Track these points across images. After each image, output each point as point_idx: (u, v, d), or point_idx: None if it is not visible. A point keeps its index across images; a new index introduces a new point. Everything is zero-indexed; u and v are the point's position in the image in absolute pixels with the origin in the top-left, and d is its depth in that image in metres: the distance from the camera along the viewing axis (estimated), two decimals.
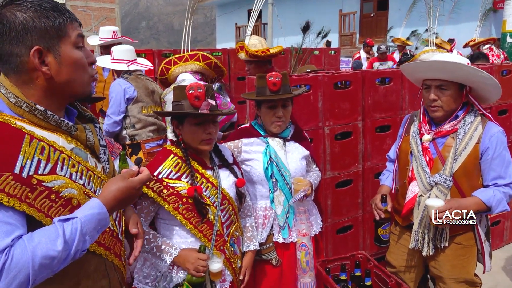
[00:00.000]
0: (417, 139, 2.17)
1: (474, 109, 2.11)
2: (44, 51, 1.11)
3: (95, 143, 1.28)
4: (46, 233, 1.04)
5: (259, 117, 2.30)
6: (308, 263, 2.22)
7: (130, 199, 1.26)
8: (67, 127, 1.19)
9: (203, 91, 1.78)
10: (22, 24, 1.09)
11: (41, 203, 1.08)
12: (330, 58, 7.54)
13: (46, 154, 1.11)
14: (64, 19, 1.14)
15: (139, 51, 5.61)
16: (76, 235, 1.06)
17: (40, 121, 1.14)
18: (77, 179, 1.19)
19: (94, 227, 1.11)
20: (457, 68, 1.95)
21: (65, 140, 1.19)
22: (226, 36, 21.48)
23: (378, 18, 15.44)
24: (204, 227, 1.84)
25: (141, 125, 3.51)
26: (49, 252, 1.01)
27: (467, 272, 2.17)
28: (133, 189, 1.24)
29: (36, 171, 1.08)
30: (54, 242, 1.03)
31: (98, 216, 1.12)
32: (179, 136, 1.89)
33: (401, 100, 3.20)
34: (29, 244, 1.00)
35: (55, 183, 1.12)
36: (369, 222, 3.20)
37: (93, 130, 1.30)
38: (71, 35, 1.16)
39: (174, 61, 3.28)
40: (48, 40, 1.12)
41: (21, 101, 1.12)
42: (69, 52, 1.15)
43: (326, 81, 2.83)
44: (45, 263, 1.01)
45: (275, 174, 2.20)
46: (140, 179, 1.26)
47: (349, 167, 3.06)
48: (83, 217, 1.09)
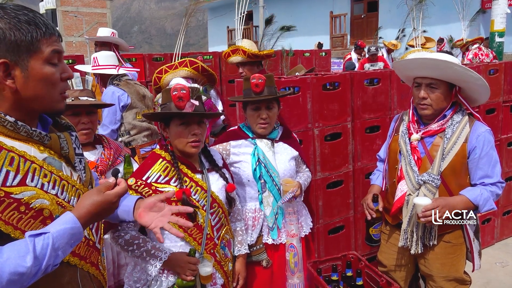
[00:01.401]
0: (406, 139, 2.18)
1: (462, 109, 2.13)
2: (11, 64, 1.08)
3: (69, 152, 1.26)
4: (16, 249, 1.01)
5: (246, 119, 2.31)
6: (297, 264, 2.23)
7: (105, 213, 1.22)
8: (39, 137, 1.16)
9: (186, 92, 1.78)
10: None
11: (9, 215, 1.05)
12: (321, 59, 7.58)
13: (15, 165, 1.09)
14: (38, 34, 1.10)
15: (130, 55, 5.61)
16: (47, 250, 1.04)
17: (9, 132, 1.11)
18: (49, 189, 1.16)
19: (66, 242, 1.09)
20: (448, 66, 1.97)
21: (37, 149, 1.16)
22: (218, 39, 21.50)
23: (368, 20, 15.53)
24: (194, 230, 1.83)
25: (136, 131, 3.50)
26: (17, 268, 0.99)
27: (456, 270, 2.19)
28: (109, 203, 1.20)
29: (4, 183, 1.05)
30: (23, 258, 1.00)
31: (71, 230, 1.10)
32: (167, 139, 1.90)
33: (389, 100, 3.22)
34: None
35: (25, 195, 1.09)
36: (360, 223, 3.21)
37: (68, 139, 1.27)
38: (43, 50, 1.12)
39: (165, 69, 3.31)
40: (17, 53, 1.08)
41: None
42: (38, 67, 1.11)
43: (314, 83, 2.84)
44: (14, 279, 0.98)
45: (264, 175, 2.21)
46: (116, 192, 1.22)
47: (340, 168, 3.07)
48: (55, 232, 1.06)
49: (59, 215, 1.16)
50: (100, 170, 2.09)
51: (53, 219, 1.14)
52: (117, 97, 3.37)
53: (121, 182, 1.26)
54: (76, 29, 31.09)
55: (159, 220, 1.41)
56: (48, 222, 1.13)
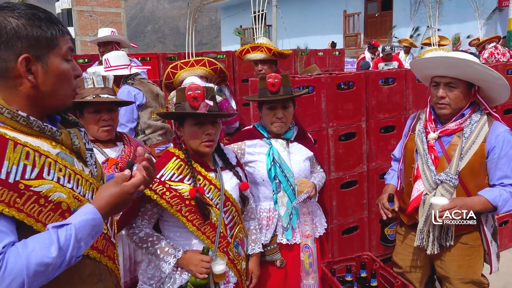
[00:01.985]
0: (423, 137, 2.15)
1: (481, 108, 2.09)
2: (32, 59, 1.11)
3: (81, 147, 1.28)
4: (40, 240, 1.03)
5: (262, 119, 2.30)
6: (311, 265, 2.21)
7: (124, 204, 1.24)
8: (51, 132, 1.18)
9: (201, 92, 1.78)
10: (14, 31, 1.08)
11: (30, 208, 1.07)
12: (334, 59, 7.53)
13: (31, 159, 1.10)
14: (56, 31, 1.15)
15: (145, 54, 5.66)
16: (70, 241, 1.05)
17: (22, 127, 1.13)
18: (65, 183, 1.17)
19: (88, 233, 1.11)
20: (468, 65, 1.93)
21: (50, 145, 1.18)
22: (231, 39, 21.53)
23: (382, 19, 15.40)
24: (207, 229, 1.84)
25: (151, 130, 3.51)
26: (43, 259, 1.00)
27: (473, 273, 2.15)
28: (127, 194, 1.22)
29: (23, 176, 1.07)
30: (48, 248, 1.02)
31: (92, 221, 1.12)
32: (181, 137, 1.90)
33: (405, 100, 3.18)
34: (23, 251, 0.99)
35: (43, 188, 1.10)
36: (374, 223, 3.18)
37: (78, 134, 1.29)
38: (62, 47, 1.16)
39: (180, 66, 3.30)
40: (38, 49, 1.11)
41: (2, 107, 1.10)
42: (57, 63, 1.15)
43: (329, 82, 2.82)
44: (40, 270, 1.00)
45: (278, 175, 2.20)
46: (133, 183, 1.24)
47: (354, 168, 3.04)
48: (77, 223, 1.08)
49: (76, 208, 1.18)
50: (120, 167, 2.11)
51: (71, 212, 1.16)
52: (133, 95, 3.38)
53: (136, 174, 1.28)
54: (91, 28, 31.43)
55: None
56: (67, 215, 1.15)
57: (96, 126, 2.13)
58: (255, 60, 3.45)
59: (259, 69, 3.47)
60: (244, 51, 3.49)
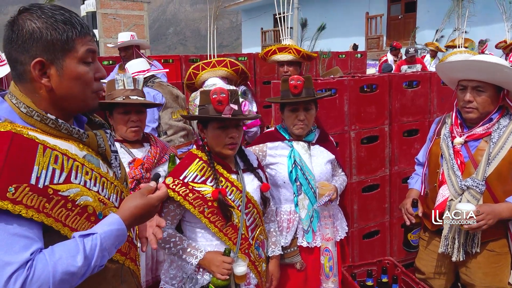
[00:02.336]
0: (448, 142, 2.11)
1: (509, 113, 2.04)
2: (46, 63, 1.10)
3: (106, 149, 1.28)
4: (67, 248, 1.04)
5: (283, 121, 2.30)
6: (332, 269, 2.20)
7: (148, 216, 1.26)
8: (78, 135, 1.19)
9: (226, 95, 1.79)
10: (29, 34, 1.07)
11: (58, 212, 1.08)
12: (356, 61, 7.47)
13: (60, 163, 1.11)
14: (73, 33, 1.12)
15: (167, 56, 5.73)
16: (95, 251, 1.07)
17: (51, 130, 1.13)
18: (91, 186, 1.18)
19: (112, 243, 1.12)
20: (497, 69, 1.89)
21: (77, 147, 1.18)
22: (251, 41, 21.58)
23: (406, 21, 15.16)
24: (229, 230, 1.85)
25: (173, 131, 3.54)
26: (69, 268, 1.02)
27: (500, 281, 2.09)
28: (152, 207, 1.24)
29: (52, 180, 1.08)
30: (74, 257, 1.03)
31: (117, 232, 1.13)
32: (204, 139, 1.92)
33: (429, 103, 3.13)
34: (51, 260, 1.00)
35: (71, 192, 1.11)
36: (396, 228, 3.14)
37: (104, 136, 1.29)
38: (78, 49, 1.13)
39: (202, 66, 3.32)
40: (52, 52, 1.10)
41: (32, 110, 1.11)
42: (73, 66, 1.13)
43: (352, 85, 2.80)
44: (65, 279, 1.02)
45: (300, 177, 2.19)
46: (158, 196, 1.26)
47: (376, 171, 3.01)
48: (102, 233, 1.09)
49: (101, 212, 1.19)
50: (146, 167, 2.16)
51: (96, 215, 1.17)
52: (152, 96, 3.43)
53: (161, 187, 1.29)
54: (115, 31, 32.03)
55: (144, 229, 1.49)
56: (92, 219, 1.16)
57: (125, 126, 2.18)
58: (281, 61, 3.44)
59: (285, 71, 3.45)
60: (271, 52, 3.49)
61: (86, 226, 1.14)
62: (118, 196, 1.29)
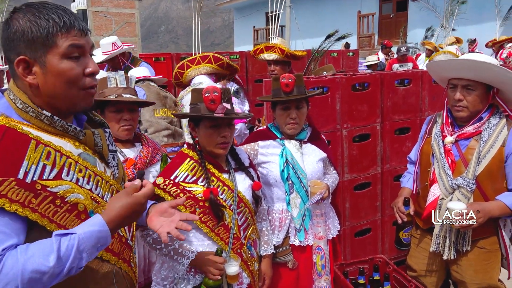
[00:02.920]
0: (439, 141, 2.12)
1: (499, 111, 2.05)
2: (30, 61, 1.10)
3: (103, 148, 1.27)
4: (41, 247, 1.02)
5: (275, 120, 2.29)
6: (324, 267, 2.20)
7: (135, 215, 1.21)
8: (74, 132, 1.18)
9: (219, 94, 1.78)
10: (13, 33, 1.09)
11: (46, 208, 1.07)
12: (348, 60, 7.48)
13: (52, 159, 1.10)
14: (54, 29, 1.09)
15: (158, 54, 5.69)
16: (71, 252, 1.04)
17: (47, 126, 1.13)
18: (84, 184, 1.17)
19: (93, 245, 1.08)
20: (487, 68, 1.90)
21: (73, 145, 1.18)
22: (244, 39, 21.55)
23: (397, 19, 15.23)
24: (220, 230, 1.84)
25: (154, 129, 3.43)
26: (40, 267, 0.99)
27: (490, 278, 2.11)
28: (138, 205, 1.20)
29: (41, 176, 1.07)
30: (47, 257, 1.00)
31: (98, 233, 1.09)
32: (195, 138, 1.90)
33: (420, 102, 3.14)
34: (21, 257, 0.98)
35: (61, 188, 1.11)
36: (388, 226, 3.15)
37: (102, 135, 1.28)
38: (60, 45, 1.10)
39: (187, 64, 3.29)
40: (34, 49, 1.09)
41: (27, 106, 1.11)
42: (55, 63, 1.11)
43: (344, 83, 2.80)
44: (35, 277, 0.99)
45: (291, 176, 2.19)
46: (144, 193, 1.22)
47: (368, 169, 3.02)
48: (82, 233, 1.06)
49: (93, 210, 1.18)
50: (138, 167, 2.13)
51: (87, 213, 1.16)
52: None
53: (146, 184, 1.26)
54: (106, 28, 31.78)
55: (168, 225, 1.39)
56: (83, 216, 1.15)
57: (117, 125, 2.15)
58: (268, 60, 3.45)
59: (272, 69, 3.47)
60: (258, 51, 3.49)
61: (76, 223, 1.13)
62: (113, 195, 1.27)
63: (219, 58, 3.25)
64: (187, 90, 3.24)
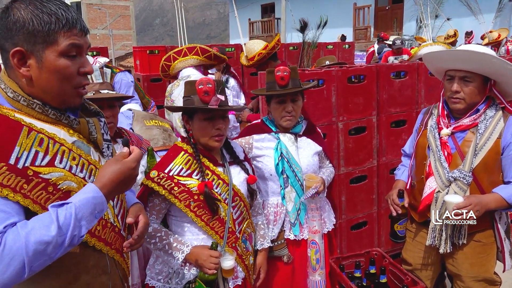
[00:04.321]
0: (435, 133, 2.10)
1: (496, 103, 2.04)
2: (26, 53, 1.10)
3: (98, 138, 1.27)
4: (40, 219, 1.03)
5: (270, 113, 2.27)
6: (318, 261, 2.19)
7: (127, 180, 1.20)
8: (68, 121, 1.19)
9: (212, 86, 1.76)
10: (13, 22, 1.08)
11: (37, 194, 1.08)
12: (344, 52, 7.47)
13: (44, 146, 1.11)
14: (57, 26, 1.11)
15: (153, 47, 5.65)
16: (71, 220, 1.04)
17: (39, 115, 1.14)
18: (77, 172, 1.18)
19: (90, 212, 1.08)
20: (485, 59, 1.88)
21: (67, 133, 1.18)
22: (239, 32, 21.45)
23: (393, 11, 15.20)
24: (215, 224, 1.82)
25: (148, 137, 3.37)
26: (43, 238, 1.00)
27: (486, 271, 2.11)
28: (129, 169, 1.19)
29: (33, 162, 1.08)
30: (48, 227, 1.01)
31: (93, 200, 1.09)
32: (189, 131, 1.88)
33: (416, 94, 3.13)
34: (22, 231, 0.99)
35: (53, 175, 1.11)
36: (384, 219, 3.15)
37: (96, 124, 1.28)
38: (60, 43, 1.12)
39: (173, 56, 3.24)
40: (33, 43, 1.10)
41: (18, 95, 1.12)
42: (52, 59, 1.12)
43: (339, 76, 2.78)
44: (40, 249, 1.00)
45: (286, 170, 2.17)
46: (134, 157, 1.21)
47: (364, 162, 3.00)
48: (77, 202, 1.07)
49: None
50: None
51: None
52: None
53: (134, 149, 1.25)
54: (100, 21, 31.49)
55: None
56: None
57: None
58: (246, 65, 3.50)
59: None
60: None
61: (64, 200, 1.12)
62: None
63: (206, 49, 3.21)
64: (176, 83, 3.20)
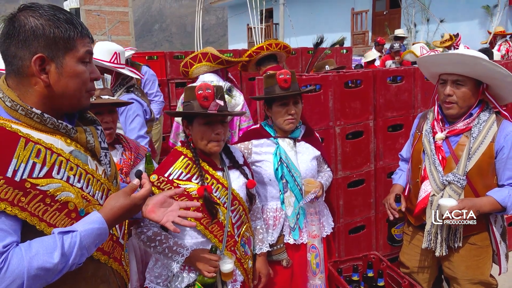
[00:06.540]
0: (430, 138, 2.13)
1: (489, 107, 2.07)
2: (47, 59, 1.12)
3: (95, 146, 1.28)
4: (45, 244, 1.04)
5: (269, 118, 2.29)
6: (318, 265, 2.21)
7: (130, 215, 1.27)
8: (65, 130, 1.19)
9: (211, 91, 1.79)
10: (32, 30, 1.10)
11: (35, 207, 1.07)
12: (342, 57, 7.49)
13: (42, 157, 1.11)
14: (75, 33, 1.16)
15: (152, 53, 5.67)
16: (74, 249, 1.06)
17: (37, 124, 1.14)
18: (75, 182, 1.18)
19: (92, 242, 1.11)
20: (476, 62, 1.91)
21: (64, 142, 1.19)
22: (238, 37, 21.51)
23: (391, 16, 15.27)
24: (214, 228, 1.84)
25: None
26: (45, 264, 1.02)
27: (482, 273, 2.13)
28: (135, 206, 1.25)
29: (31, 174, 1.07)
30: (51, 254, 1.03)
31: (98, 231, 1.12)
32: (189, 136, 1.91)
33: (413, 98, 3.16)
34: (26, 254, 1.00)
35: (51, 187, 1.11)
36: (381, 222, 3.17)
37: (94, 133, 1.29)
38: (79, 49, 1.17)
39: (190, 62, 3.31)
40: (54, 49, 1.13)
41: (16, 104, 1.12)
42: (72, 65, 1.16)
43: (336, 80, 2.81)
44: (40, 274, 1.01)
45: (285, 175, 2.19)
46: (142, 195, 1.27)
47: (361, 166, 3.03)
48: (83, 231, 1.09)
49: (83, 209, 1.18)
50: (125, 172, 2.07)
51: (78, 212, 1.16)
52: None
53: (145, 184, 1.29)
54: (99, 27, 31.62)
55: (169, 214, 1.46)
56: (73, 215, 1.15)
57: None
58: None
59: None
60: None
61: (66, 222, 1.13)
62: (104, 194, 1.28)
63: (217, 56, 3.26)
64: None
